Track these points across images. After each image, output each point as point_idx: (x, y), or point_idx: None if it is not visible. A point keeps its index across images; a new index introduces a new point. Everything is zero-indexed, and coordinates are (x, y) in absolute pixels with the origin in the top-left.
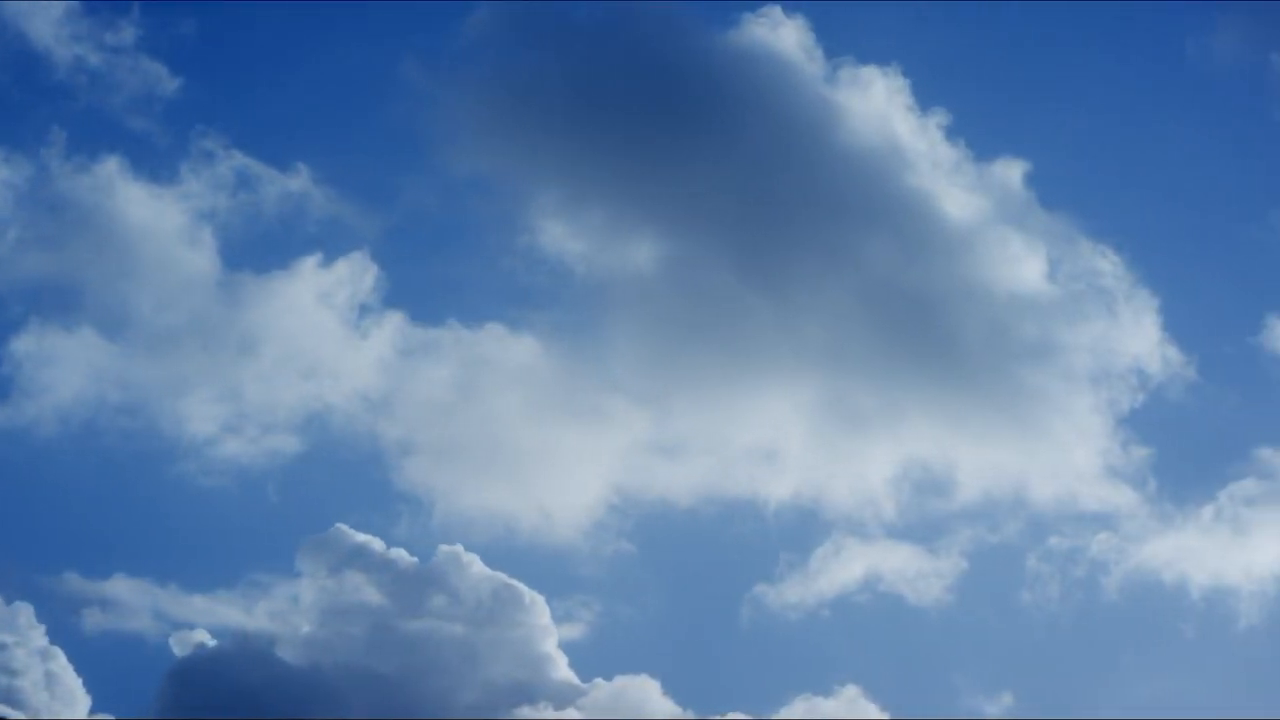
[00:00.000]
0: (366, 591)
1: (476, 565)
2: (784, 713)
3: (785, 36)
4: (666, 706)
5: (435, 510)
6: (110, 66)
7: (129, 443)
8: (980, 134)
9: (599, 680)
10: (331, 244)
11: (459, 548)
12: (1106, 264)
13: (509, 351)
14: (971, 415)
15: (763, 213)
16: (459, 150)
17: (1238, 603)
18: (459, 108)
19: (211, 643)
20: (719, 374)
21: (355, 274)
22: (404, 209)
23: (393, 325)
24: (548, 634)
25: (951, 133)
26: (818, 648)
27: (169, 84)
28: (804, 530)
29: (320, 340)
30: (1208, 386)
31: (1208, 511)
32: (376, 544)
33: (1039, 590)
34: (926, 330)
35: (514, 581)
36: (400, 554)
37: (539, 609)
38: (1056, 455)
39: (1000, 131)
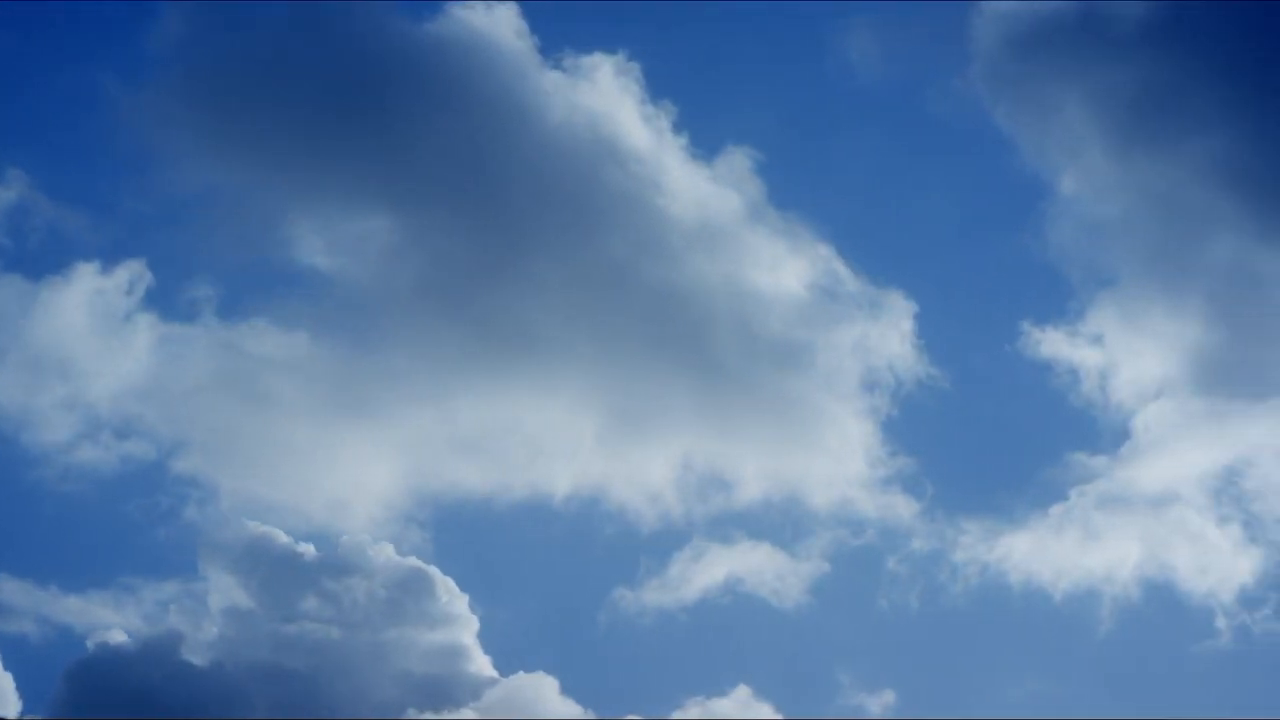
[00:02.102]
0: (268, 586)
1: (387, 553)
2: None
3: (500, 24)
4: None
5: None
6: None
7: None
8: (709, 127)
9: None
10: (64, 253)
11: (365, 537)
12: (847, 268)
13: (278, 348)
14: (738, 419)
15: (495, 208)
16: (182, 154)
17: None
18: (168, 113)
19: (113, 642)
20: (491, 371)
21: (102, 280)
22: (129, 217)
23: (151, 326)
24: (466, 625)
25: (680, 126)
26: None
27: None
28: (587, 527)
29: (74, 344)
30: (968, 393)
31: (973, 522)
32: (281, 537)
33: (840, 591)
34: (674, 328)
35: (429, 567)
36: (307, 548)
37: (455, 598)
38: (827, 461)
39: (729, 126)
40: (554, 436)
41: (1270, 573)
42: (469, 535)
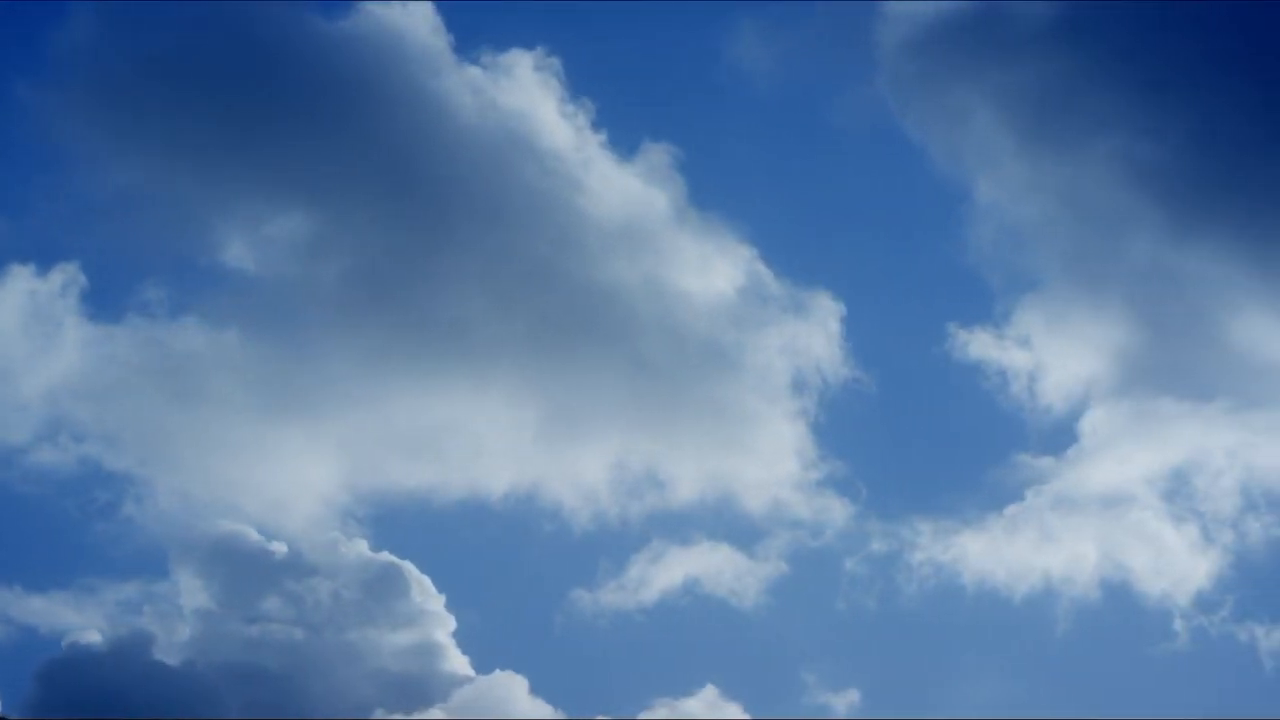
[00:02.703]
0: (241, 586)
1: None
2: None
3: (415, 21)
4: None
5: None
6: None
7: None
8: (628, 125)
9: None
10: None
11: (338, 533)
12: (771, 270)
13: (209, 347)
14: (670, 419)
15: (413, 206)
16: (98, 155)
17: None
18: (80, 114)
19: (83, 643)
20: (426, 368)
21: (29, 282)
22: (49, 220)
23: (80, 327)
24: (440, 621)
25: (599, 124)
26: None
27: None
28: (527, 526)
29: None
30: (898, 394)
31: (908, 523)
32: (251, 534)
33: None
34: (602, 328)
35: (402, 562)
36: (278, 546)
37: (429, 594)
38: (760, 462)
39: (647, 124)
40: (492, 434)
41: (1225, 574)
42: (408, 534)
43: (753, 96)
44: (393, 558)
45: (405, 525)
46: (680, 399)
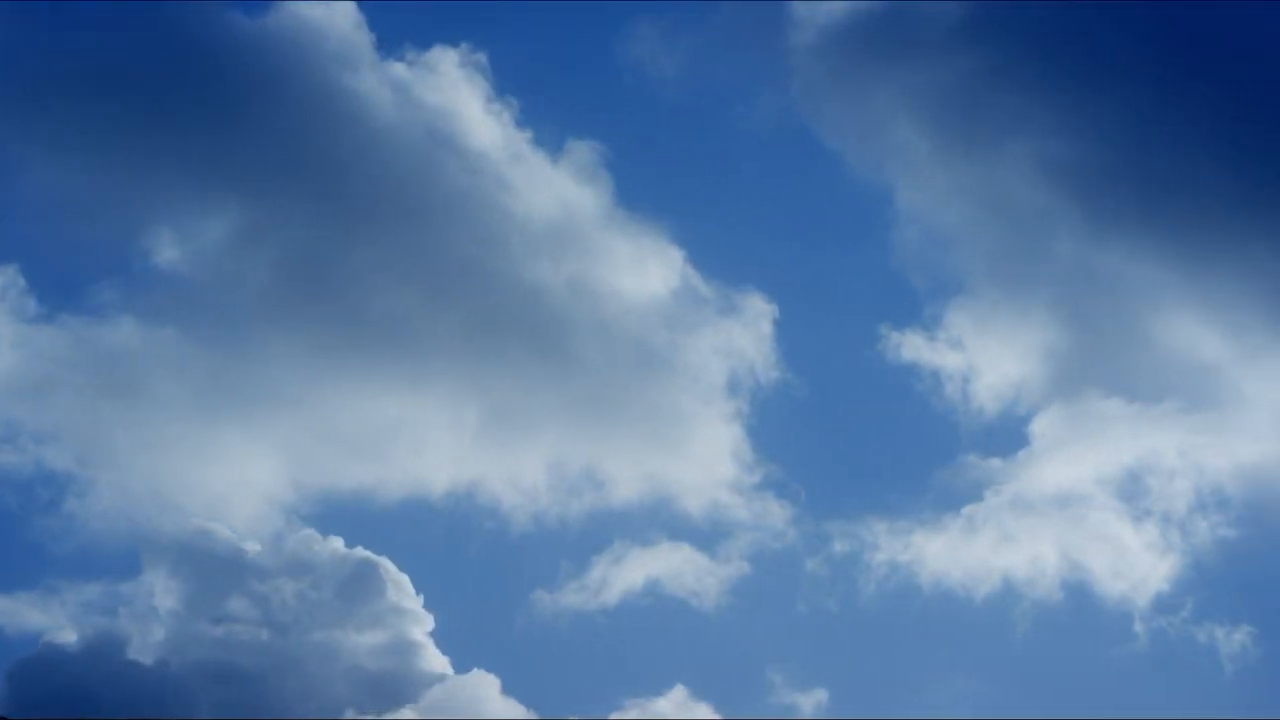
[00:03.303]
0: (214, 585)
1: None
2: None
3: (336, 19)
4: None
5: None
6: None
7: None
8: (555, 124)
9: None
10: None
11: (312, 531)
12: (700, 271)
13: (146, 346)
14: (606, 420)
15: (338, 204)
16: (19, 155)
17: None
18: (8, 117)
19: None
20: (364, 367)
21: None
22: None
23: (14, 328)
24: (417, 619)
25: (523, 121)
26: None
27: None
28: (467, 524)
29: None
30: (833, 396)
31: (845, 527)
32: (222, 531)
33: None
34: (533, 328)
35: (380, 558)
36: (251, 545)
37: (405, 590)
38: (696, 464)
39: (571, 123)
40: (432, 433)
41: (1185, 575)
42: (355, 534)
43: (667, 99)
44: (369, 554)
45: (345, 525)
46: (616, 399)
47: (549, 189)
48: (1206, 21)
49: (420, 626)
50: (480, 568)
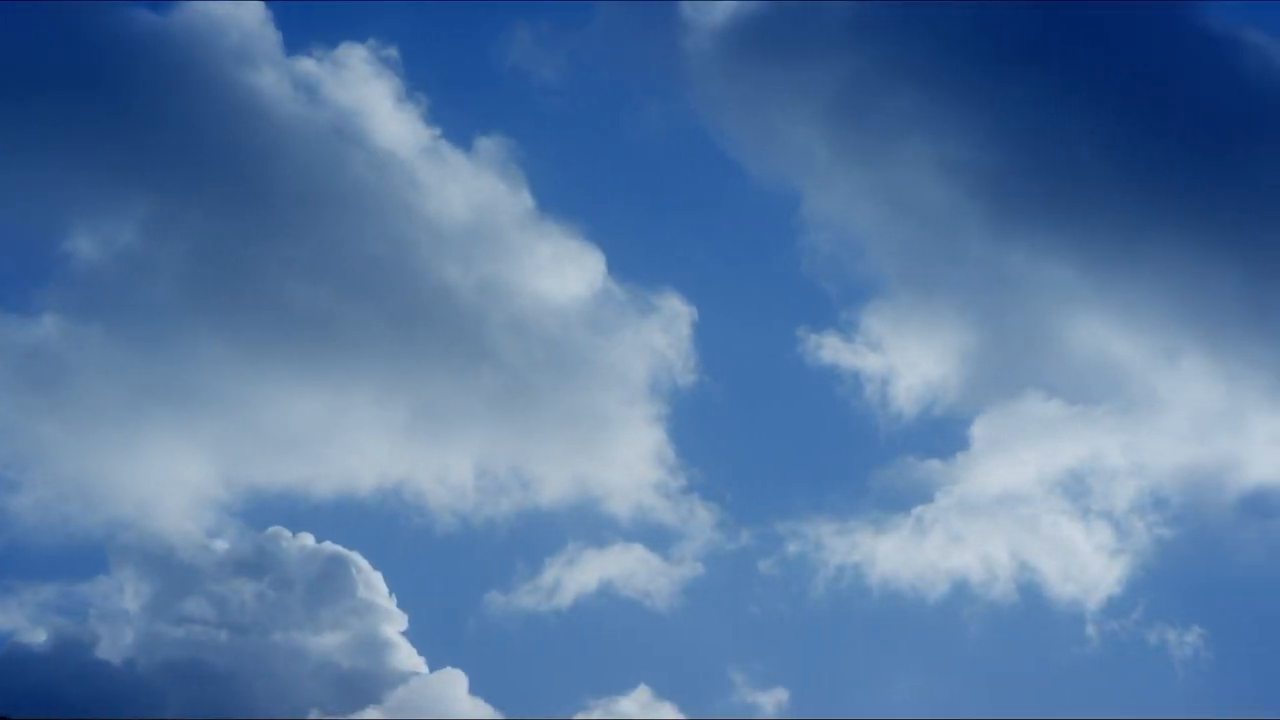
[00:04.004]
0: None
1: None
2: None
3: (243, 16)
4: None
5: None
6: None
7: None
8: (465, 123)
9: None
10: None
11: (281, 528)
12: (617, 272)
13: (71, 344)
14: (530, 421)
15: (247, 202)
16: None
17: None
18: None
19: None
20: (289, 365)
21: None
22: None
23: None
24: (389, 616)
25: (432, 119)
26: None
27: None
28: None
29: None
30: (754, 398)
31: (769, 528)
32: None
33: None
34: (452, 328)
35: (351, 552)
36: (220, 543)
37: (377, 586)
38: (619, 466)
39: (481, 121)
40: (361, 432)
41: (1135, 577)
42: (296, 528)
43: (555, 103)
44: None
45: (278, 523)
46: (540, 400)
47: (464, 187)
48: (1107, 19)
49: (395, 625)
50: (428, 566)
